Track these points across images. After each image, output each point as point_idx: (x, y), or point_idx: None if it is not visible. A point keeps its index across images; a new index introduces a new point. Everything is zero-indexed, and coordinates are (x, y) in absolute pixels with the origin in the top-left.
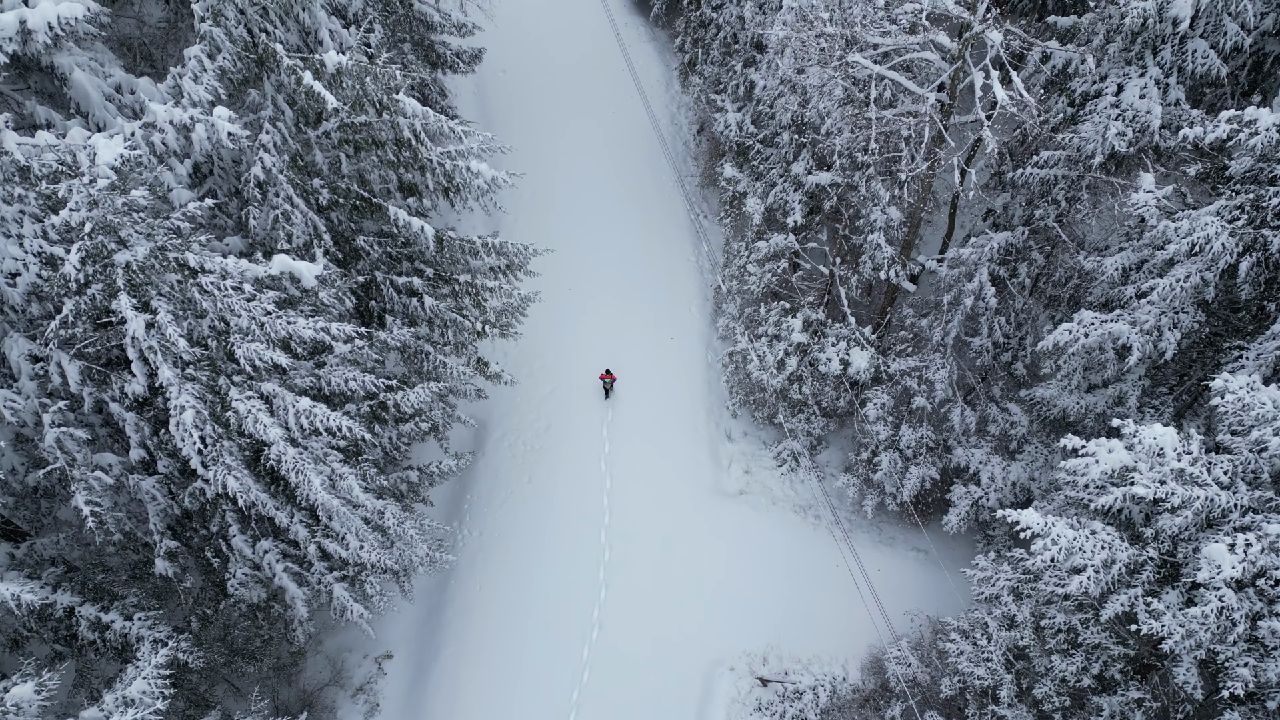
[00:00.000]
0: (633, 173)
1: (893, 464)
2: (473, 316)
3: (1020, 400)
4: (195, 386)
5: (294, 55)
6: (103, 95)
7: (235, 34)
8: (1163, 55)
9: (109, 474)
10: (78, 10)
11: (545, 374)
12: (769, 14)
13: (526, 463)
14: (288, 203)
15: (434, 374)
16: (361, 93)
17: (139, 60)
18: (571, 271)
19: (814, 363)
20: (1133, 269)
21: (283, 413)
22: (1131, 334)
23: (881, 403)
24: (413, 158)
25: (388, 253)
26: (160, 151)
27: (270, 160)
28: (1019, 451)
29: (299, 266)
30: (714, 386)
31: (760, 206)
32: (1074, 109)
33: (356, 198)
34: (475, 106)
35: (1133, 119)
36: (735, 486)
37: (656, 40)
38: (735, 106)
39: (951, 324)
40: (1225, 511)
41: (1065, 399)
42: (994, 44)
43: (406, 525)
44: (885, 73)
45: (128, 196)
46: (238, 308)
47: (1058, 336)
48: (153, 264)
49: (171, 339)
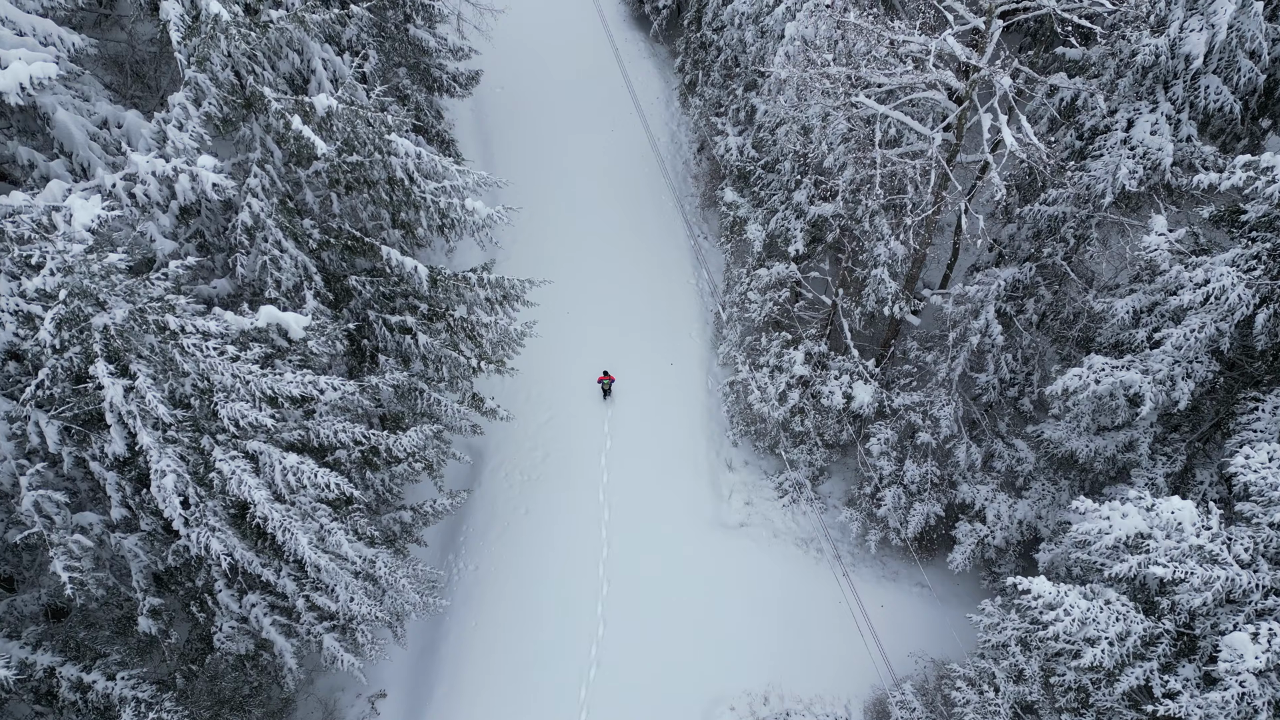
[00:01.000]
0: (632, 192)
1: (896, 499)
2: (468, 352)
3: (1027, 436)
4: (176, 448)
5: (283, 97)
6: (86, 135)
7: (222, 77)
8: (1174, 91)
9: (90, 533)
10: (50, 70)
11: (542, 401)
12: (770, 40)
13: (523, 494)
14: (276, 247)
15: (428, 411)
16: (353, 135)
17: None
18: (570, 295)
19: (816, 395)
20: (1144, 311)
21: (269, 469)
22: (1144, 383)
23: (885, 438)
24: (405, 197)
25: (380, 291)
26: (143, 203)
27: (258, 205)
28: (1025, 488)
29: (286, 318)
30: (714, 414)
31: (761, 233)
32: (1082, 142)
33: (348, 237)
34: (473, 124)
35: (1143, 156)
36: (736, 518)
37: (656, 56)
38: (736, 130)
39: (957, 361)
40: (1246, 592)
41: (1074, 441)
42: (1003, 86)
43: (399, 574)
44: (890, 113)
45: (105, 260)
46: (221, 368)
47: (1067, 381)
48: (132, 326)
49: (150, 405)
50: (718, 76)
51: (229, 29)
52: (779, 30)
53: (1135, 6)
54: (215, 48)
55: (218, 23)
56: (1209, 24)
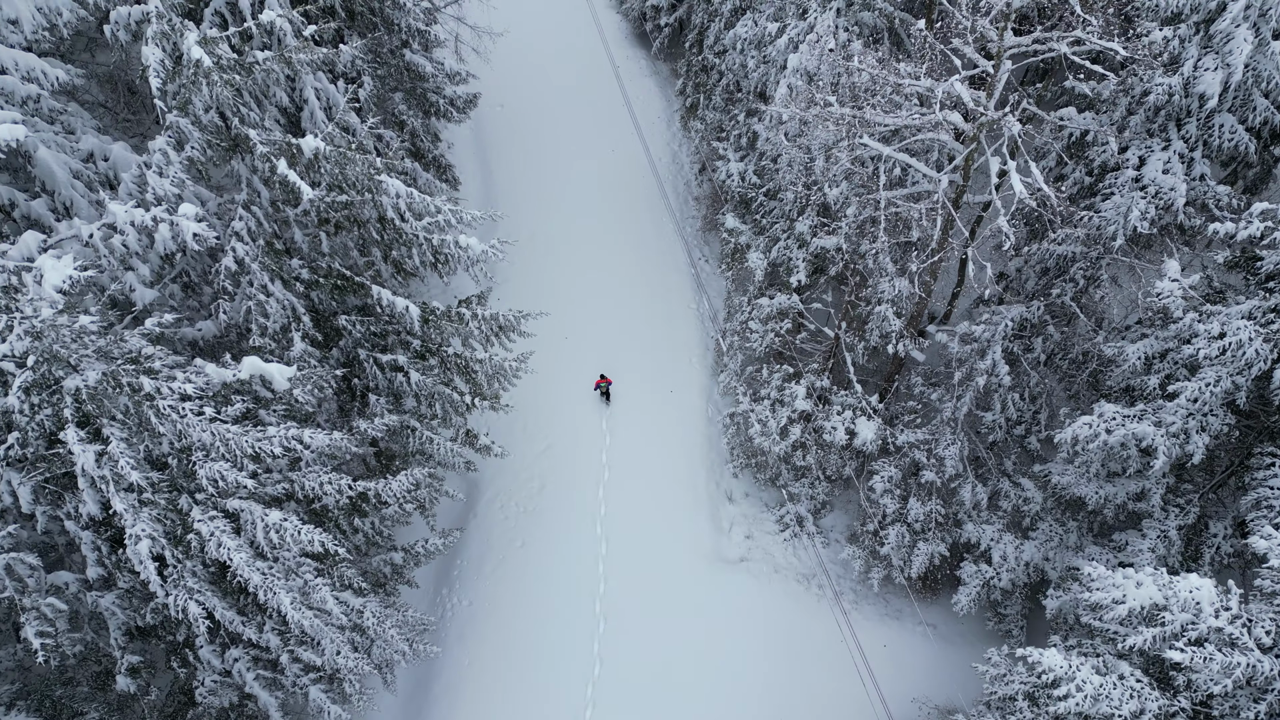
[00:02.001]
0: (633, 214)
1: (900, 538)
2: (462, 388)
3: (1034, 476)
4: (152, 510)
5: (269, 140)
6: (69, 173)
7: (205, 120)
8: (1187, 129)
9: (65, 593)
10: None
11: (539, 430)
12: (773, 69)
13: (519, 526)
14: (262, 291)
15: (420, 449)
16: (341, 176)
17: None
18: (568, 319)
19: (818, 431)
20: (1156, 357)
21: (250, 527)
22: (1157, 436)
23: (889, 475)
24: (397, 236)
25: (370, 330)
26: (121, 254)
27: (243, 249)
28: (1032, 529)
29: (270, 370)
30: (714, 443)
31: (763, 262)
32: (1092, 179)
33: (338, 276)
34: (472, 143)
35: (1155, 195)
36: (736, 553)
37: (658, 75)
38: (738, 156)
39: (963, 400)
40: (1269, 680)
41: (1083, 486)
42: (1012, 131)
43: (387, 625)
44: (894, 154)
45: (77, 323)
46: (199, 428)
47: (1077, 430)
48: (105, 388)
49: (124, 471)
50: (719, 100)
51: (211, 74)
52: (781, 60)
53: (1148, 45)
54: (197, 92)
55: (199, 68)
56: (1224, 63)
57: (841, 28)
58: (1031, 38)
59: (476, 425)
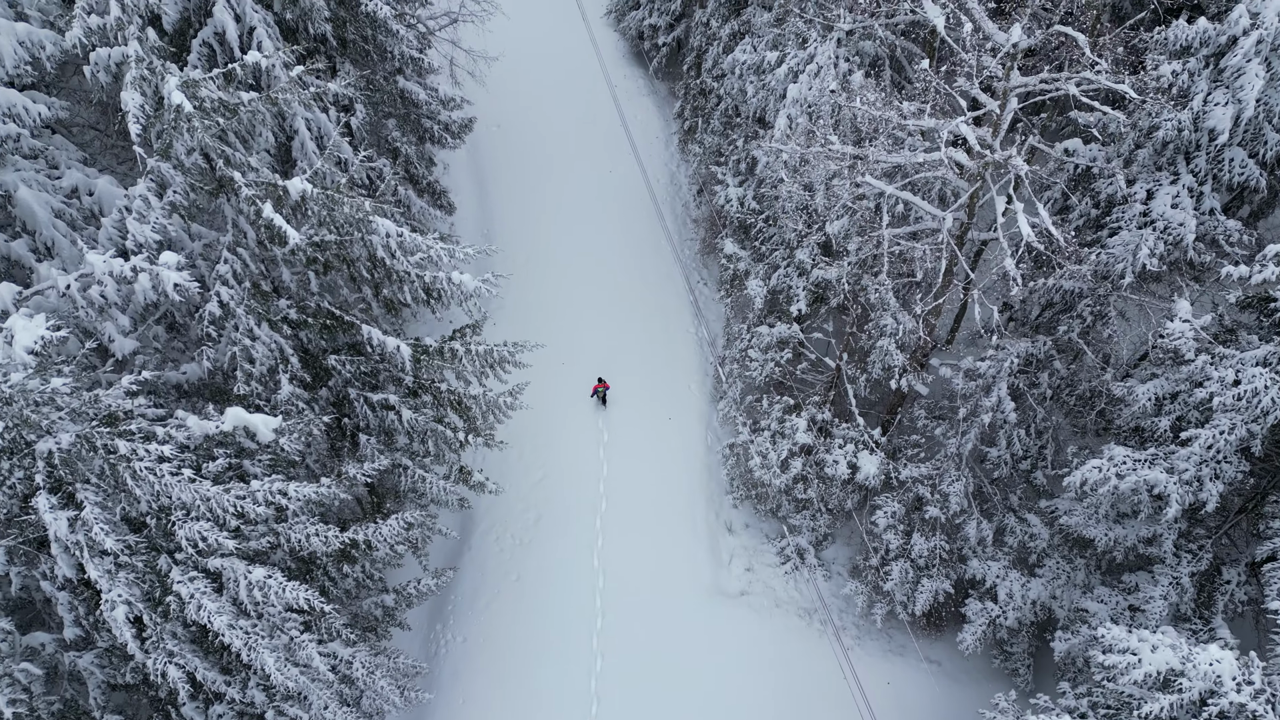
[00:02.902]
0: (631, 237)
1: (904, 574)
2: (456, 423)
3: (1040, 511)
4: (129, 574)
5: (254, 182)
6: (51, 212)
7: (189, 163)
8: (1196, 163)
9: (42, 654)
10: None
11: (536, 459)
12: (772, 98)
13: (514, 559)
14: (248, 336)
15: (413, 488)
16: (329, 218)
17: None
18: (565, 344)
19: (820, 464)
20: (1166, 398)
21: (233, 584)
22: (1169, 483)
23: (892, 511)
24: (387, 274)
25: (360, 370)
26: (99, 305)
27: (228, 293)
28: (1039, 566)
29: (254, 421)
30: (714, 472)
31: (763, 289)
32: (1099, 211)
33: (327, 315)
34: (468, 164)
35: (1164, 230)
36: (736, 586)
37: (656, 94)
38: (736, 181)
39: (968, 437)
40: None
41: (1093, 528)
42: (1018, 171)
43: (377, 675)
44: (897, 193)
45: (49, 385)
46: (178, 489)
47: (1086, 473)
48: (79, 450)
49: (98, 538)
50: (718, 124)
51: (193, 120)
52: (780, 89)
53: (1156, 79)
54: (179, 137)
55: (180, 113)
56: (1235, 99)
57: (842, 58)
58: (1039, 78)
59: (471, 460)
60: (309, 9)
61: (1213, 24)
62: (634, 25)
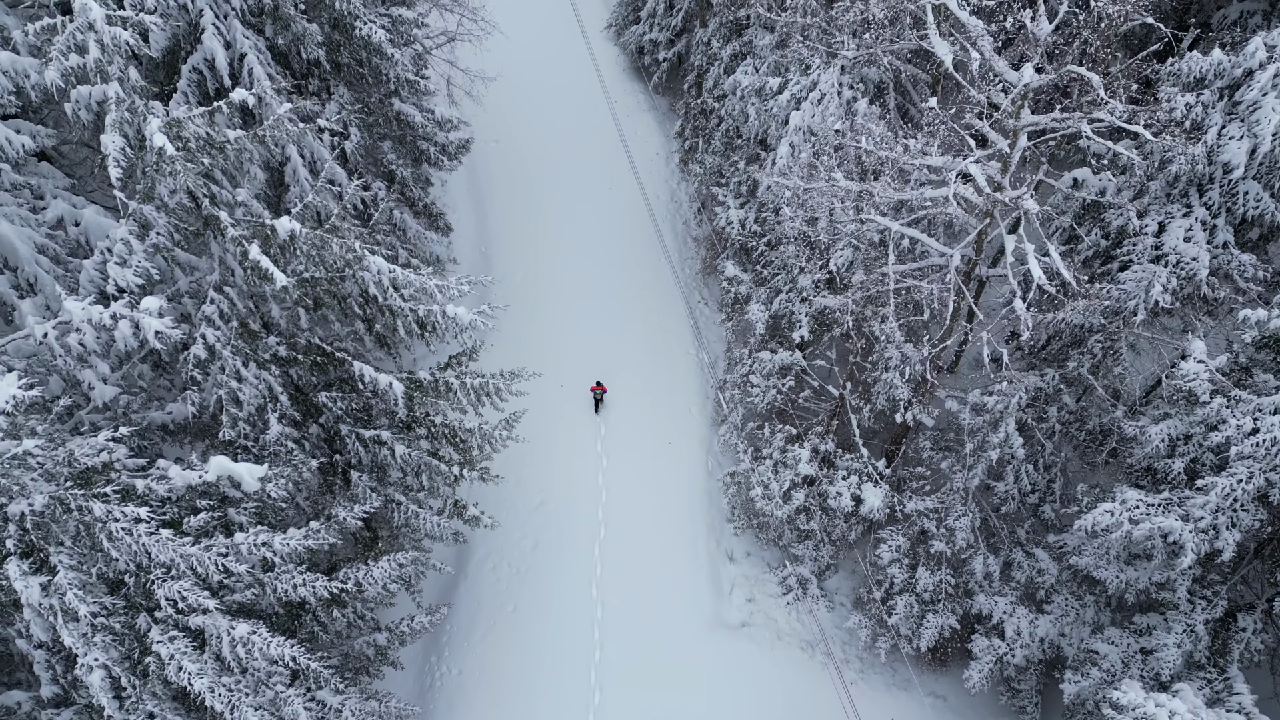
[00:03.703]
0: (630, 255)
1: (909, 608)
2: (450, 460)
3: (1049, 546)
4: (106, 636)
5: (241, 220)
6: (34, 248)
7: (173, 204)
8: (1210, 195)
9: (19, 712)
10: None
11: (534, 483)
12: (774, 124)
13: (511, 588)
14: (234, 378)
15: (406, 524)
16: (318, 258)
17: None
18: (564, 366)
19: (822, 495)
20: (1180, 440)
21: (216, 641)
22: (1184, 531)
23: (896, 545)
24: (379, 310)
25: (352, 406)
26: (78, 352)
27: (214, 335)
28: (1047, 602)
29: (239, 470)
30: (715, 499)
31: (764, 314)
32: (1108, 242)
33: (318, 352)
34: (466, 180)
35: (1176, 264)
36: (737, 617)
37: (656, 109)
38: (738, 203)
39: (975, 472)
40: None
41: (1103, 570)
42: (1030, 211)
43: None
44: (904, 230)
45: (20, 447)
46: (157, 549)
47: (1098, 518)
48: (53, 512)
49: (72, 605)
50: (718, 145)
51: (175, 163)
52: (783, 116)
53: (1169, 112)
54: (162, 180)
55: (162, 156)
56: (1251, 133)
57: (846, 85)
58: (1050, 117)
59: (466, 490)
60: (301, 34)
61: (1228, 56)
62: (634, 40)
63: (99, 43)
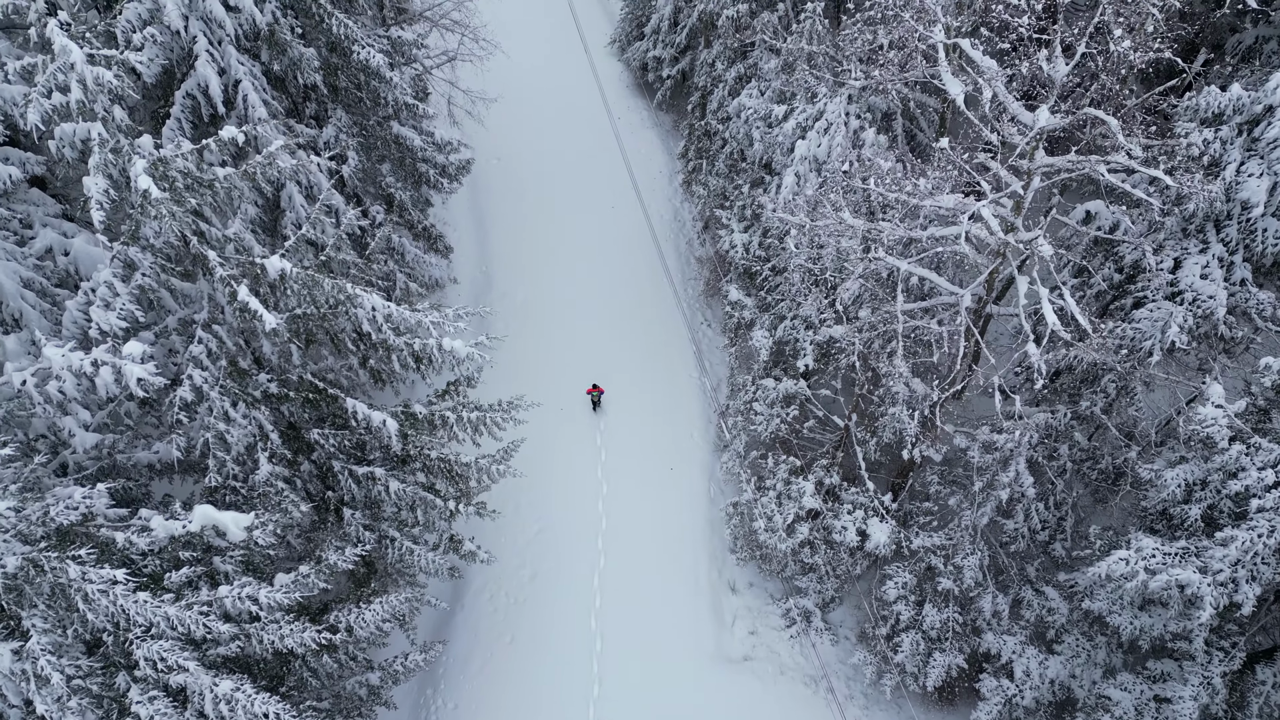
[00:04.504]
0: (633, 276)
1: (915, 646)
2: (446, 495)
3: (1059, 585)
4: (83, 699)
5: (229, 259)
6: (19, 282)
7: (159, 244)
8: (1227, 232)
9: None
10: None
11: (532, 511)
12: (779, 153)
13: (509, 618)
14: (223, 419)
15: (400, 560)
16: (310, 298)
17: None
18: (564, 388)
19: (827, 529)
20: (1197, 485)
21: (198, 699)
22: (1202, 584)
23: (903, 582)
24: (373, 347)
25: (345, 443)
26: (58, 400)
27: (201, 376)
28: (1058, 642)
29: (224, 519)
30: (717, 527)
31: (768, 341)
32: (1122, 276)
33: (310, 388)
34: (468, 199)
35: (1192, 302)
36: (739, 650)
37: (660, 126)
38: (741, 226)
39: (984, 510)
40: None
41: (1117, 616)
42: (1044, 255)
43: None
44: (913, 269)
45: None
46: (135, 609)
47: (1113, 566)
48: (26, 574)
49: (45, 673)
50: (722, 167)
51: (161, 206)
52: (788, 144)
53: (1186, 148)
54: (148, 221)
55: (148, 199)
56: (1271, 170)
57: (853, 115)
58: (1066, 159)
59: (462, 526)
60: (298, 59)
61: (1247, 92)
62: (638, 57)
63: (81, 83)
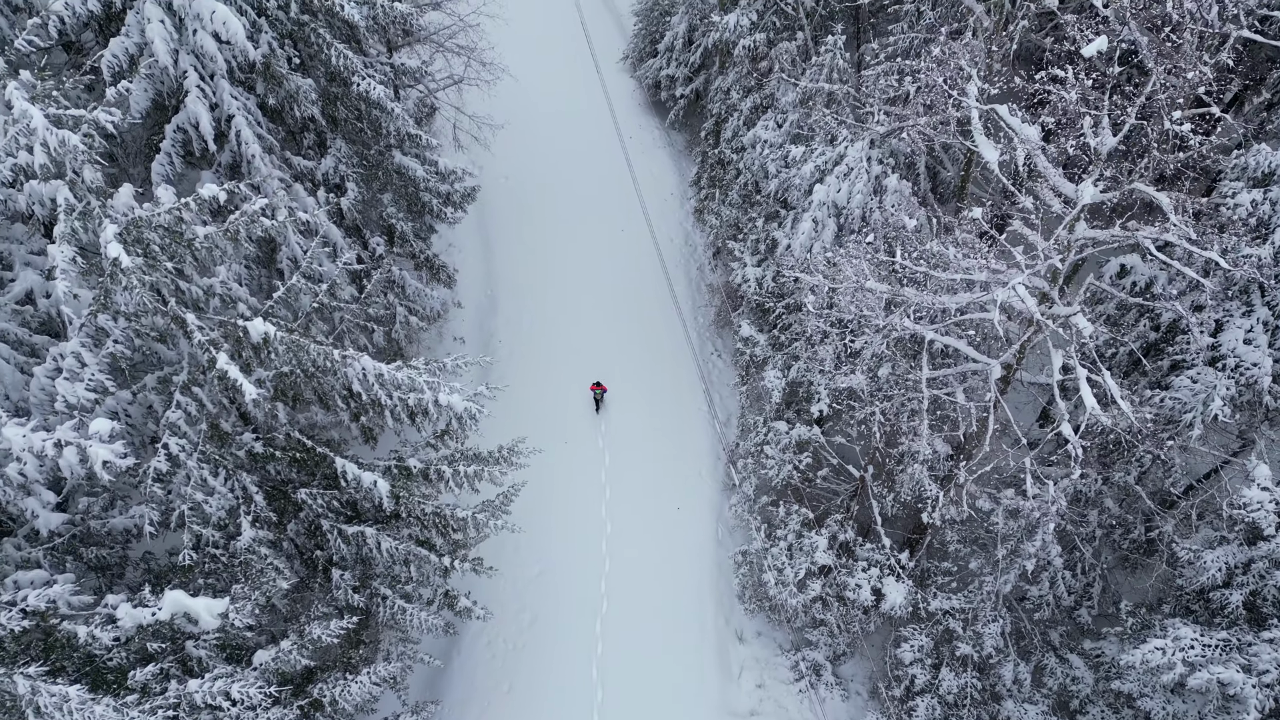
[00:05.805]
0: (642, 305)
1: (930, 711)
2: (441, 550)
3: (1084, 653)
4: None
5: (208, 323)
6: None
7: (132, 307)
8: (1273, 295)
9: None
10: None
11: (532, 553)
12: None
13: (507, 665)
14: (200, 489)
15: (392, 619)
16: (295, 363)
17: None
18: (569, 420)
19: (840, 586)
20: (1239, 569)
21: None
22: (1246, 685)
23: (919, 645)
24: (363, 406)
25: (334, 503)
26: (19, 482)
27: (177, 445)
28: (1082, 713)
29: (196, 606)
30: (724, 571)
31: (781, 381)
32: (1158, 334)
33: (298, 448)
34: (474, 220)
35: (1235, 368)
36: (746, 705)
37: (672, 146)
38: (755, 260)
39: (1007, 577)
40: None
41: (1149, 700)
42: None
43: None
44: (938, 338)
45: None
46: None
47: (1148, 655)
48: None
49: None
50: (736, 198)
51: (132, 276)
52: (805, 186)
53: (1232, 209)
54: (119, 290)
55: (118, 267)
56: None
57: (875, 159)
58: (1110, 233)
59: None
60: (294, 92)
61: None
62: (650, 74)
63: (44, 146)
